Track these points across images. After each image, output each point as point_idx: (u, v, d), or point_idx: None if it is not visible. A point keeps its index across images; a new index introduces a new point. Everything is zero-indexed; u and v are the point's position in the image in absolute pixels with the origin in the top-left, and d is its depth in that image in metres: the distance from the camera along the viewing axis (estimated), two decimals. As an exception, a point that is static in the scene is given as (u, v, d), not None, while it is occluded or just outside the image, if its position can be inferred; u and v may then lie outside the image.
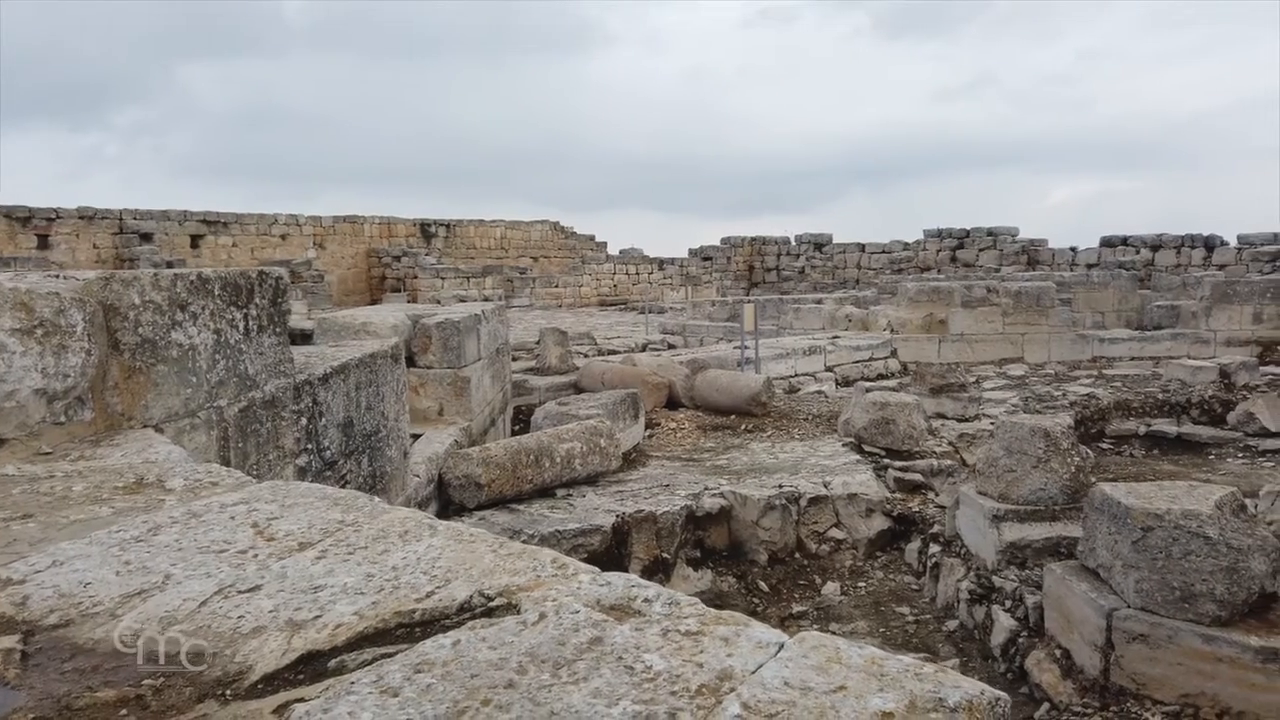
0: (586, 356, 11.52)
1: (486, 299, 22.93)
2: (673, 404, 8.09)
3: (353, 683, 0.87)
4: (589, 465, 5.31)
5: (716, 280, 30.71)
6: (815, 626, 4.35)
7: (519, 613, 1.01)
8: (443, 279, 25.43)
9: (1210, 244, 23.26)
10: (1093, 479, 4.18)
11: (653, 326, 16.86)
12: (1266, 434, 7.52)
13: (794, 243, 32.37)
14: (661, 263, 31.19)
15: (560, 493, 5.10)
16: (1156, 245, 23.92)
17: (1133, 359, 11.47)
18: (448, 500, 4.83)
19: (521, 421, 7.74)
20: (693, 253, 32.79)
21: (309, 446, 3.07)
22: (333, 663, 0.93)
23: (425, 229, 29.83)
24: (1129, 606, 3.12)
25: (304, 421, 3.04)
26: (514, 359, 10.52)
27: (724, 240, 33.05)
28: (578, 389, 8.35)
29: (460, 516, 4.73)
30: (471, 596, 1.06)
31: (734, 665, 0.86)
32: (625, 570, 4.58)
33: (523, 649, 0.91)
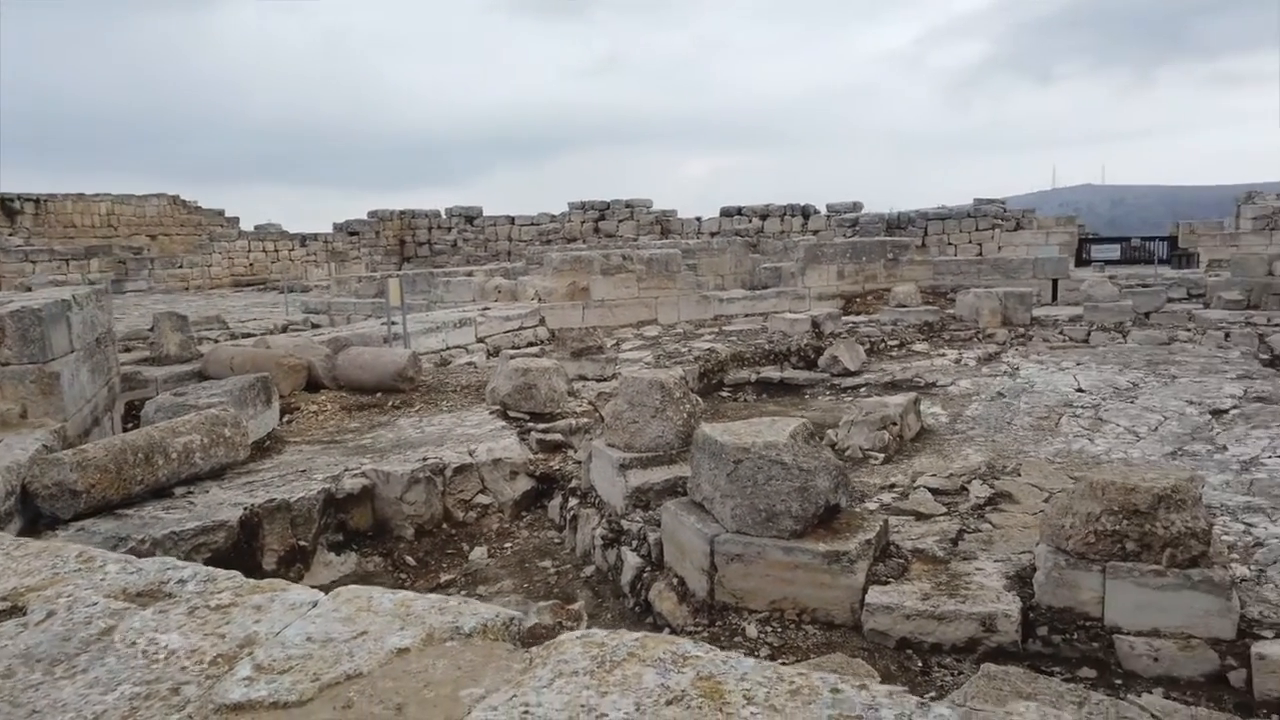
0: (216, 342, 10.55)
1: (93, 283, 20.06)
2: (314, 386, 7.69)
3: None
4: (213, 458, 4.91)
5: (365, 256, 29.53)
6: (463, 592, 4.41)
7: (24, 614, 0.92)
8: (34, 263, 21.83)
9: (807, 212, 26.73)
10: (704, 423, 4.66)
11: (294, 306, 15.85)
12: (847, 373, 8.86)
13: (445, 216, 32.03)
14: (304, 239, 29.34)
15: (179, 491, 4.66)
16: (765, 214, 26.99)
17: (746, 315, 12.89)
18: (36, 514, 4.20)
19: (135, 418, 6.92)
20: (338, 228, 31.15)
21: None
22: None
23: (7, 206, 25.32)
24: (727, 531, 3.53)
25: None
26: (127, 349, 9.38)
27: (371, 214, 31.80)
28: (203, 377, 7.63)
29: (54, 530, 4.15)
30: (-32, 606, 0.94)
31: (259, 630, 0.85)
32: (259, 565, 4.32)
33: (16, 651, 0.83)
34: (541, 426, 5.99)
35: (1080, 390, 7.66)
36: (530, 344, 11.42)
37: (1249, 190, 24.02)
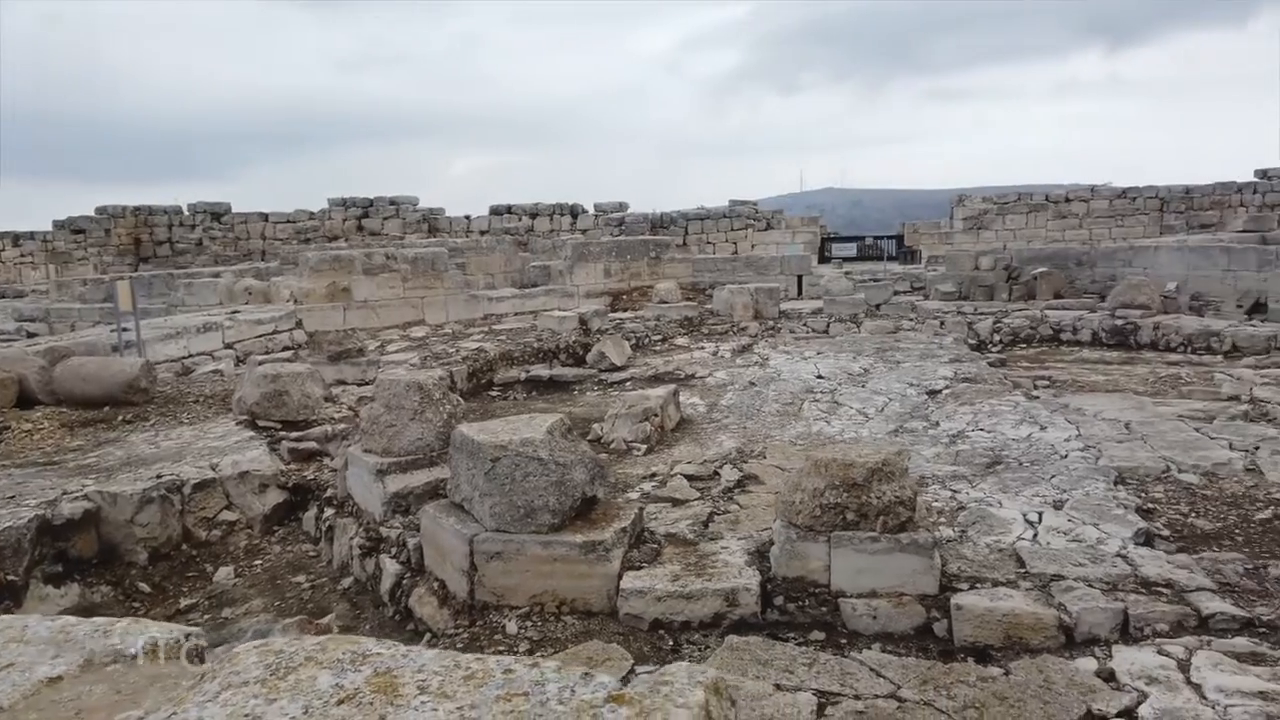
0: (-100, 356, 9.09)
1: None
2: (28, 402, 6.86)
3: None
4: (-108, 490, 4.26)
5: (94, 257, 26.60)
6: (206, 617, 4.12)
7: None
8: None
9: (575, 212, 27.10)
10: (462, 423, 4.62)
11: (5, 314, 14.01)
12: (614, 369, 9.09)
13: (188, 213, 29.41)
14: (17, 237, 25.95)
15: None
16: (534, 213, 27.08)
17: (516, 314, 12.89)
18: None
19: None
20: (59, 225, 27.76)
21: None
22: None
23: None
24: (487, 530, 3.54)
25: None
26: None
27: (101, 210, 28.57)
28: (-119, 398, 6.58)
29: None
30: None
31: (-120, 675, 0.77)
32: (-45, 608, 3.80)
33: None
34: (294, 435, 5.70)
35: (820, 377, 8.32)
36: (286, 348, 10.79)
37: (960, 194, 27.07)
